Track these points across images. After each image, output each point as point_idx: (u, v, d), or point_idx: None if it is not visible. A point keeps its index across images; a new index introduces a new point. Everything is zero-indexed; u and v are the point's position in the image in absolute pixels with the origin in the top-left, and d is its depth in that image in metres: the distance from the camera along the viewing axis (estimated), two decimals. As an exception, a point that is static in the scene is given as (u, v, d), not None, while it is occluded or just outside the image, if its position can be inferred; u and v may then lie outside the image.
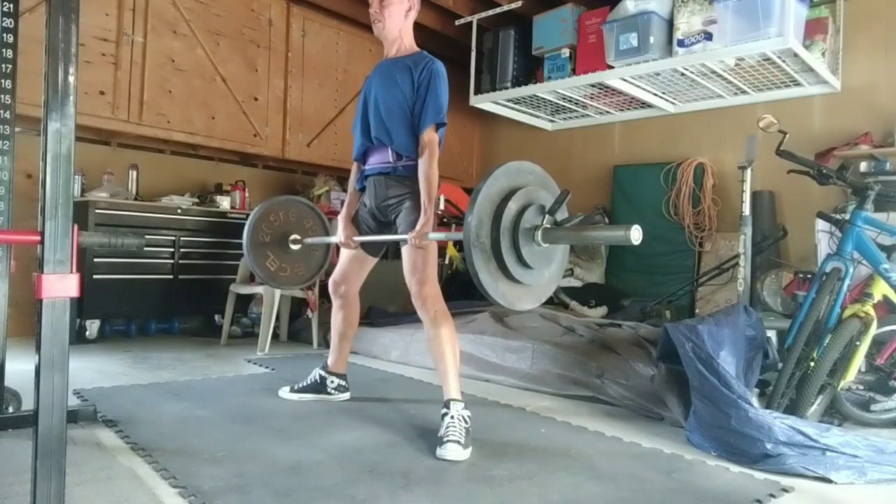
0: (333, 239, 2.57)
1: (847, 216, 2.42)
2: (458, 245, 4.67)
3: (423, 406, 2.55)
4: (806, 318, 2.32)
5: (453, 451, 1.91)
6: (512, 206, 1.75)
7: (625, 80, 4.18)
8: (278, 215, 2.73)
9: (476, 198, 1.71)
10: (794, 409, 2.23)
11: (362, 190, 2.48)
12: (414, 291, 2.21)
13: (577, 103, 4.86)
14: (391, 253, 3.61)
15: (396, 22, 2.35)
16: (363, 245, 2.50)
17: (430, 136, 2.23)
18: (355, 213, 2.50)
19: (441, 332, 2.17)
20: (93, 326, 3.81)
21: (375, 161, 2.38)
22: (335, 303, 2.59)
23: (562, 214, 1.87)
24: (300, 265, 2.80)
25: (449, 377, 2.15)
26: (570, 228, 1.83)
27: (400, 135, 2.28)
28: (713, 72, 3.94)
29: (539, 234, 1.78)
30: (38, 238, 1.16)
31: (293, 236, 2.74)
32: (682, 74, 4.02)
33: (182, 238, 4.13)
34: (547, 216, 1.81)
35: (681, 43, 3.77)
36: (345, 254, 2.54)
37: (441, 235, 2.18)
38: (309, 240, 2.74)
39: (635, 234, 1.59)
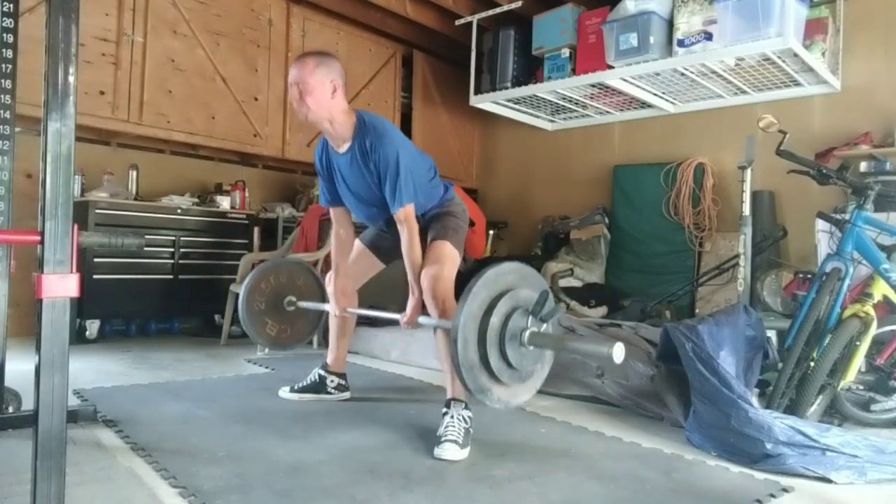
0: (327, 306, 2.59)
1: (847, 216, 2.42)
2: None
3: (423, 406, 2.55)
4: (806, 318, 2.32)
5: (450, 451, 1.91)
6: (494, 321, 1.74)
7: (625, 80, 4.18)
8: (269, 281, 2.76)
9: (459, 318, 1.70)
10: (794, 409, 2.23)
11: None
12: (426, 286, 2.18)
13: (577, 103, 4.86)
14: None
15: (323, 106, 2.20)
16: (376, 250, 2.54)
17: (405, 213, 2.18)
18: (375, 235, 2.52)
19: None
20: (93, 326, 3.81)
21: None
22: (332, 300, 2.59)
23: (549, 307, 1.85)
24: (300, 321, 2.83)
25: (453, 376, 2.14)
26: (556, 338, 1.82)
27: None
28: (713, 72, 3.94)
29: (526, 336, 1.78)
30: (38, 238, 1.16)
31: (288, 298, 2.77)
32: (682, 74, 4.01)
33: (182, 238, 4.13)
34: (530, 317, 1.80)
35: (681, 43, 3.77)
36: (354, 253, 2.54)
37: (432, 321, 2.18)
38: (303, 304, 2.76)
39: (617, 354, 1.58)
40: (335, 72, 2.22)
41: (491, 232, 5.57)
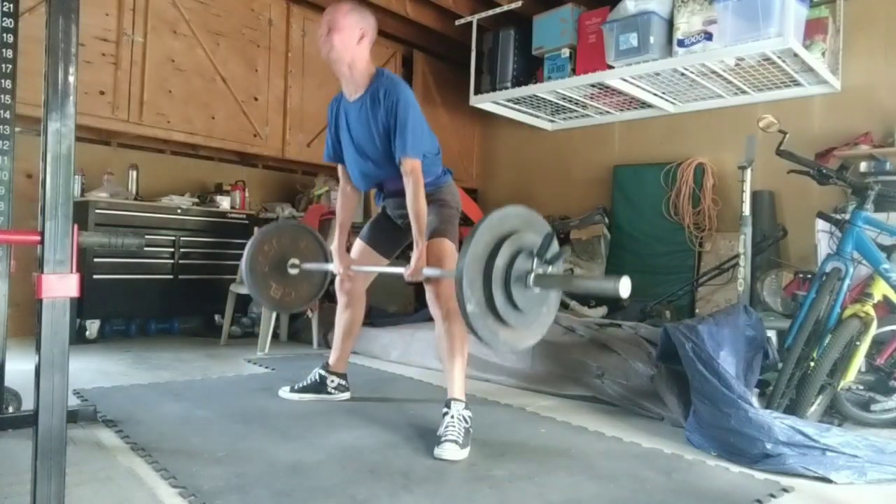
0: (330, 266, 2.58)
1: (847, 216, 2.42)
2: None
3: (423, 406, 2.55)
4: (806, 318, 2.32)
5: (450, 451, 1.91)
6: (499, 263, 1.73)
7: (625, 80, 4.18)
8: (272, 244, 2.73)
9: (464, 260, 1.69)
10: (794, 409, 2.23)
11: (382, 206, 2.54)
12: (429, 288, 2.20)
13: (577, 103, 4.86)
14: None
15: (347, 49, 2.21)
16: (376, 246, 2.52)
17: (412, 165, 2.18)
18: (377, 218, 2.53)
19: (452, 330, 2.17)
20: (93, 326, 3.81)
21: (391, 187, 2.39)
22: (341, 300, 2.59)
23: (553, 251, 1.85)
24: (303, 285, 2.81)
25: (454, 376, 2.15)
26: (561, 277, 1.82)
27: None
28: (713, 72, 3.94)
29: (531, 279, 1.78)
30: (38, 238, 1.16)
31: (291, 260, 2.74)
32: (682, 74, 4.01)
33: (182, 238, 4.13)
34: (536, 259, 1.80)
35: (681, 43, 3.77)
36: (355, 252, 2.54)
37: (437, 272, 2.18)
38: (307, 265, 2.75)
39: (623, 288, 1.57)
40: (367, 22, 2.27)
41: (491, 232, 5.57)
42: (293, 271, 2.73)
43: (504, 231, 1.78)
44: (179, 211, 4.13)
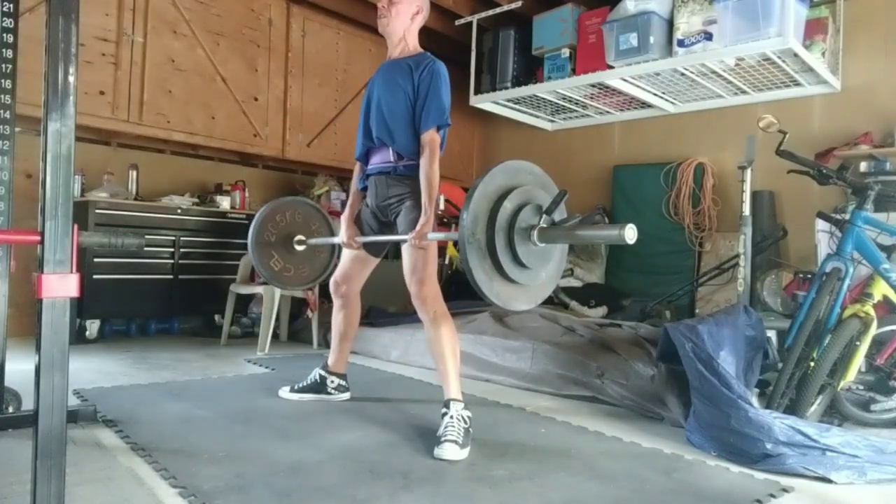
0: (336, 239, 2.57)
1: (847, 216, 2.42)
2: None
3: (423, 406, 2.55)
4: (806, 318, 2.32)
5: (450, 451, 1.91)
6: (507, 206, 1.74)
7: (625, 80, 4.18)
8: (284, 216, 2.74)
9: (472, 195, 1.70)
10: (794, 409, 2.23)
11: (364, 189, 2.47)
12: (414, 292, 2.21)
13: (577, 103, 4.86)
14: (391, 253, 3.62)
15: (402, 21, 2.38)
16: (365, 245, 2.50)
17: (430, 136, 2.24)
18: (358, 214, 2.49)
19: (441, 332, 2.17)
20: (93, 326, 3.81)
21: (377, 161, 2.39)
22: (336, 303, 2.59)
23: (560, 214, 1.87)
24: (305, 266, 2.81)
25: (449, 377, 2.15)
26: (566, 228, 1.82)
27: (401, 135, 2.29)
28: (713, 72, 3.94)
29: (535, 233, 1.78)
30: (38, 238, 1.16)
31: (298, 237, 2.75)
32: (682, 74, 4.02)
33: (182, 238, 4.13)
34: (544, 216, 1.80)
35: (681, 43, 3.77)
36: (346, 254, 2.54)
37: (441, 235, 2.18)
38: (313, 240, 2.74)
39: (629, 234, 1.57)
40: (424, 2, 2.44)
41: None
42: (299, 248, 2.74)
43: (516, 181, 1.79)
44: (179, 211, 4.13)
